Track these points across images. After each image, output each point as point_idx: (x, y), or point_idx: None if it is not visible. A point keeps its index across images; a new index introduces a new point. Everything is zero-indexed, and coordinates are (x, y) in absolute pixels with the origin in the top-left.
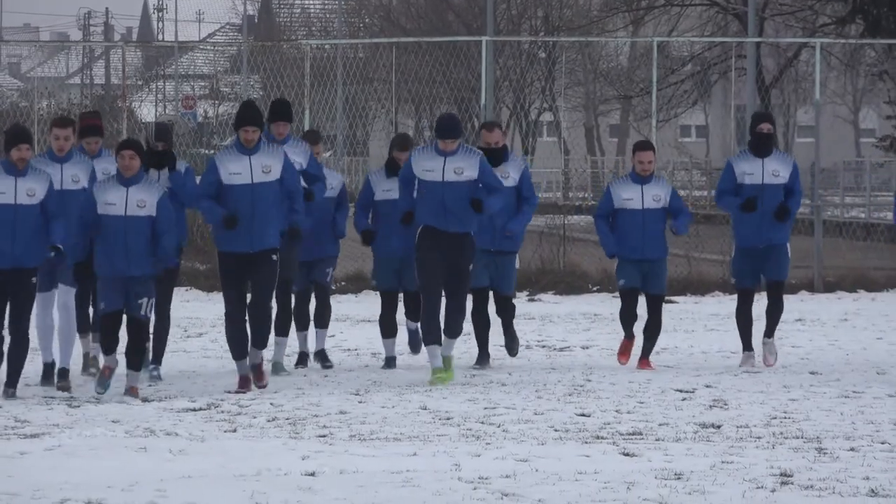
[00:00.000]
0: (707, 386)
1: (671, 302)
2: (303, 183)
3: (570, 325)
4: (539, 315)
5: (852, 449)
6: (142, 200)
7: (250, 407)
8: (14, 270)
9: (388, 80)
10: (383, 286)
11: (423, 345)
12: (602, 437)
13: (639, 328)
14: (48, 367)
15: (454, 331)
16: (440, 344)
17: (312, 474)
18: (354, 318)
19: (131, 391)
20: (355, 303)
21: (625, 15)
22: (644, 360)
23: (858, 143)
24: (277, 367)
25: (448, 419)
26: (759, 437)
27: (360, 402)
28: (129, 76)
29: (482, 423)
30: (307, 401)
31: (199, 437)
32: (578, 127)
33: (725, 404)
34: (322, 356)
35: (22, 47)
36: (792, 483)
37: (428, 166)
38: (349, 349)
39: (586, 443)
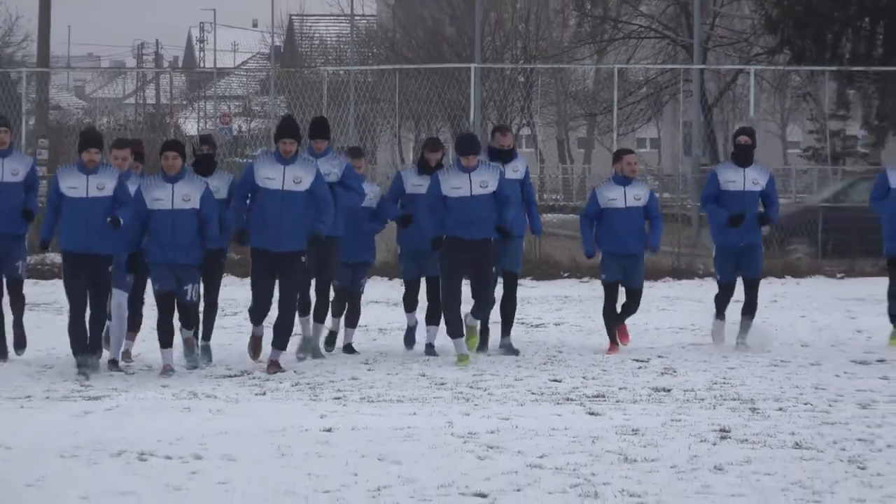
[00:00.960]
0: (659, 356)
1: None
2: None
3: (544, 306)
4: (518, 297)
5: (780, 409)
6: (186, 195)
7: (277, 374)
8: (89, 255)
9: (392, 101)
10: (409, 276)
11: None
12: (571, 399)
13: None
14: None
15: (482, 313)
16: (462, 336)
17: (329, 430)
18: (364, 300)
19: (165, 368)
20: (367, 287)
21: (591, 46)
22: (622, 333)
23: (786, 153)
24: (315, 352)
25: (442, 384)
26: (702, 399)
27: (368, 370)
28: (176, 97)
29: (471, 387)
30: (324, 369)
31: (234, 400)
32: (551, 140)
33: (674, 372)
34: (349, 349)
35: (85, 73)
36: (730, 437)
37: (456, 184)
38: (360, 326)
39: (558, 404)
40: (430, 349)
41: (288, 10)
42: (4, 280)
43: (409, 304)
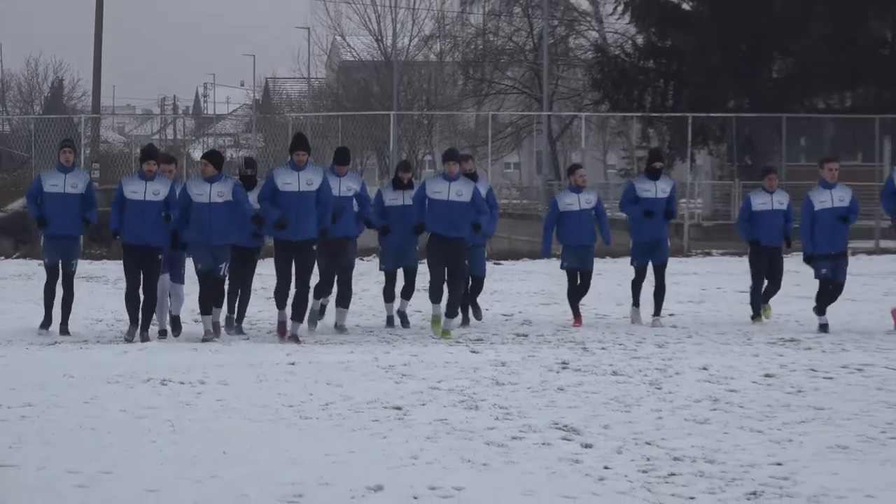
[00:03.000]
0: (520, 312)
1: (499, 264)
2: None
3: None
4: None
5: (603, 348)
6: (221, 192)
7: (258, 325)
8: (144, 247)
9: (336, 137)
10: (387, 268)
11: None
12: (459, 342)
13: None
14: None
15: (453, 312)
16: (439, 302)
17: (293, 364)
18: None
19: (206, 335)
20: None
21: (473, 98)
22: (577, 317)
23: (606, 172)
24: (341, 329)
25: (371, 332)
26: (549, 342)
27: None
28: (187, 134)
29: (391, 334)
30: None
31: (227, 343)
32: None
33: (530, 323)
34: (341, 328)
35: (125, 117)
36: (568, 367)
37: (437, 189)
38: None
39: (450, 345)
40: (402, 316)
41: (265, 75)
42: (61, 270)
43: (389, 295)
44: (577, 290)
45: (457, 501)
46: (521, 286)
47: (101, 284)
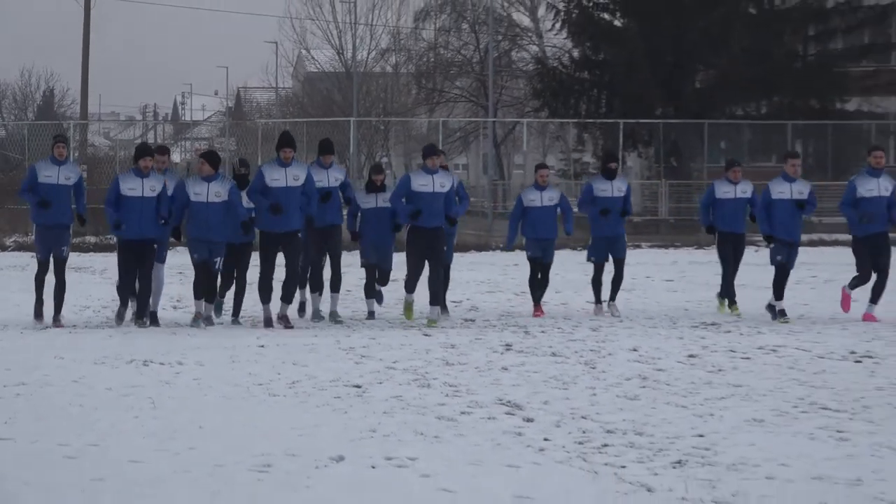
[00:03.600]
0: (468, 299)
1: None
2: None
3: None
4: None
5: (543, 331)
6: (218, 192)
7: (257, 316)
8: (140, 240)
9: (302, 141)
10: (369, 261)
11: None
12: (413, 326)
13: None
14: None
15: (436, 299)
16: (412, 292)
17: (262, 346)
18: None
19: (196, 316)
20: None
21: (425, 106)
22: (537, 308)
23: None
24: (334, 315)
25: (336, 322)
26: (494, 325)
27: (295, 315)
28: (166, 139)
29: (353, 320)
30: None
31: (202, 328)
32: (401, 166)
33: (477, 309)
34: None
35: (109, 123)
36: (512, 349)
37: (422, 182)
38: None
39: (405, 329)
40: (371, 314)
41: (237, 85)
42: (52, 258)
43: (369, 290)
44: (537, 281)
45: (411, 471)
46: (468, 276)
47: (89, 275)
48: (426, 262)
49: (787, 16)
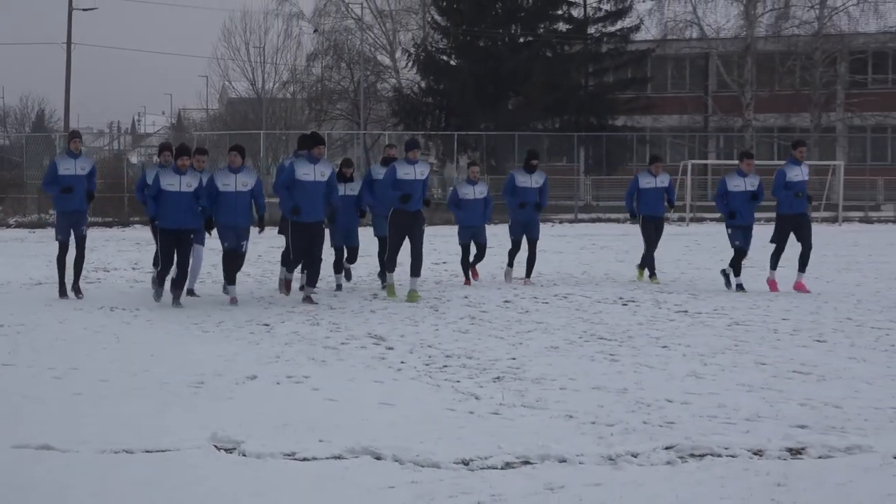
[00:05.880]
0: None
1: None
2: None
3: None
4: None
5: (400, 285)
6: (245, 182)
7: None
8: (179, 230)
9: (226, 149)
10: (337, 244)
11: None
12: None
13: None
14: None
15: (417, 272)
16: (393, 271)
17: (198, 296)
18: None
19: (232, 300)
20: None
21: (315, 122)
22: (473, 271)
23: None
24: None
25: (332, 295)
26: (365, 281)
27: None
28: (126, 146)
29: (324, 290)
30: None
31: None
32: None
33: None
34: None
35: (85, 135)
36: (377, 297)
37: (406, 171)
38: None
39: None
40: (339, 287)
41: (178, 106)
42: (73, 238)
43: (338, 266)
44: (468, 258)
45: (305, 386)
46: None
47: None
48: (406, 240)
49: (573, 58)
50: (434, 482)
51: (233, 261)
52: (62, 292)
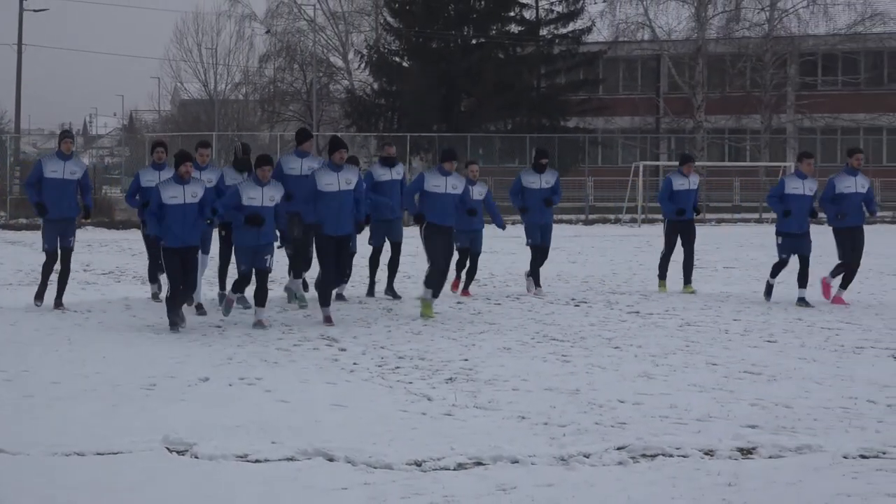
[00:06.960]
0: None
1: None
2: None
3: None
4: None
5: (352, 286)
6: (272, 196)
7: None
8: (185, 248)
9: (176, 150)
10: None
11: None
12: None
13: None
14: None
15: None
16: (437, 296)
17: (151, 299)
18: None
19: (259, 323)
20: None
21: (267, 123)
22: (465, 291)
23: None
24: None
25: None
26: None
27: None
28: (78, 148)
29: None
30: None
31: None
32: None
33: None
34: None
35: (36, 136)
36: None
37: (436, 183)
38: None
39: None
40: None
41: (130, 108)
42: (60, 248)
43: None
44: (462, 263)
45: (257, 387)
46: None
47: (22, 247)
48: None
49: (525, 59)
50: (387, 483)
51: (246, 282)
52: (38, 297)
